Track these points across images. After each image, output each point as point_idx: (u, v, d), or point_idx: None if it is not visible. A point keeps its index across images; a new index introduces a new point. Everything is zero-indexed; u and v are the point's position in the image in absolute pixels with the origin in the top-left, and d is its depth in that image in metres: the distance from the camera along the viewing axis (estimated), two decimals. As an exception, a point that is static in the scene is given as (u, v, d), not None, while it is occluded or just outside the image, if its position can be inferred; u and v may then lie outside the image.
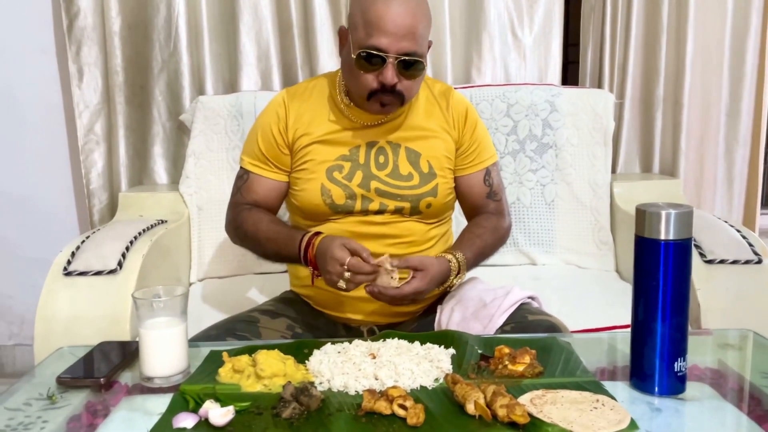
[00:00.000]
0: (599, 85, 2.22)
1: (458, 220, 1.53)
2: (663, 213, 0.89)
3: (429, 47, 1.31)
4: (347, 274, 1.16)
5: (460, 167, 1.40)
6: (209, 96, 2.06)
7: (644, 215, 0.91)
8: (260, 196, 1.38)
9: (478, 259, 1.33)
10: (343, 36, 1.31)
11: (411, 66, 1.23)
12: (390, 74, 1.22)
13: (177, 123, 2.15)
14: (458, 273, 1.27)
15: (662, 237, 0.89)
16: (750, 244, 1.59)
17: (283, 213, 1.77)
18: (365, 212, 1.32)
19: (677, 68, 2.19)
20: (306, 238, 1.24)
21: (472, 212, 1.44)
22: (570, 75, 2.39)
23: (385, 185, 1.32)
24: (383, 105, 1.27)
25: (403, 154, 1.34)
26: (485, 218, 1.40)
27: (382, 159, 1.34)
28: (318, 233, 1.25)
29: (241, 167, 1.41)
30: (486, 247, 1.35)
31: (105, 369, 1.02)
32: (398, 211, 1.33)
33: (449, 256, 1.27)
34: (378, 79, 1.23)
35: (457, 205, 1.48)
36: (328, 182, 1.31)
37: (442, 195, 1.36)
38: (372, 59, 1.22)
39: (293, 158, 1.36)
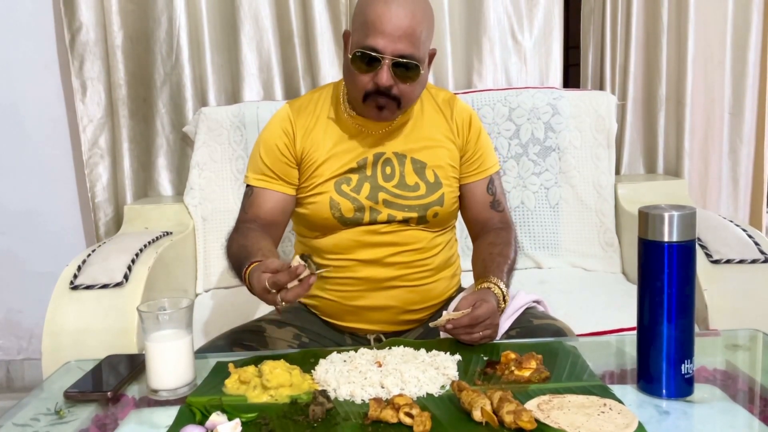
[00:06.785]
0: (601, 87, 2.22)
1: (460, 225, 1.51)
2: (666, 215, 0.89)
3: (432, 56, 1.30)
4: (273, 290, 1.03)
5: (464, 175, 1.39)
6: (212, 107, 2.07)
7: (647, 217, 0.90)
8: (264, 210, 1.33)
9: (509, 278, 1.28)
10: (345, 39, 1.31)
11: (407, 69, 1.21)
12: (385, 76, 1.20)
13: (180, 135, 2.17)
14: (504, 297, 1.22)
15: (666, 239, 0.89)
16: (756, 243, 1.58)
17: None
18: (373, 222, 1.32)
19: (679, 67, 2.18)
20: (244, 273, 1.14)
21: (476, 225, 1.42)
22: (571, 77, 2.39)
23: (393, 196, 1.32)
24: (380, 108, 1.25)
25: (409, 165, 1.34)
26: (496, 235, 1.36)
27: (388, 170, 1.33)
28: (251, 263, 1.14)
29: (246, 186, 1.37)
30: (512, 263, 1.31)
31: (112, 382, 1.02)
32: (405, 221, 1.33)
33: (489, 285, 1.21)
34: (373, 81, 1.22)
35: None
36: (337, 195, 1.30)
37: (449, 203, 1.35)
38: (367, 59, 1.21)
39: (301, 172, 1.34)
